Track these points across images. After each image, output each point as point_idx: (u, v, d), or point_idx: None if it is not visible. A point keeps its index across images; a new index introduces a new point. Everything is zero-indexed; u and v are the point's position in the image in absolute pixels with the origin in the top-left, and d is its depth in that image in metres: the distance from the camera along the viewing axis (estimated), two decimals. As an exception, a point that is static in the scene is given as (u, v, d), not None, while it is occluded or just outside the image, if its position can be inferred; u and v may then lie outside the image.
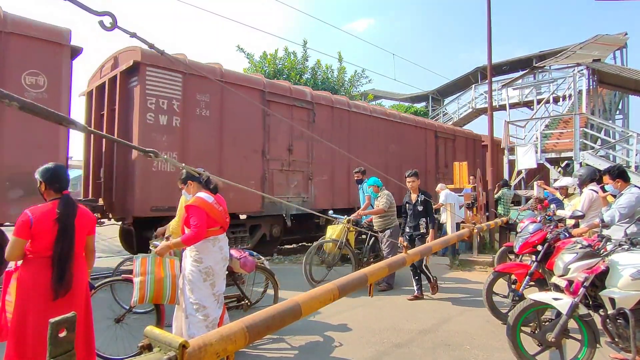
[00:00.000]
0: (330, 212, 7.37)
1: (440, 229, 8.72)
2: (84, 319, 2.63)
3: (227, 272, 3.66)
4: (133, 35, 1.62)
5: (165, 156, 1.52)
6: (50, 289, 2.44)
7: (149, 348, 1.29)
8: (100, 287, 3.61)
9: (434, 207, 9.31)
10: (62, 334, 1.11)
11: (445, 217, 8.94)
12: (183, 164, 1.67)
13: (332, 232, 6.51)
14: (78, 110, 11.92)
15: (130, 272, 3.45)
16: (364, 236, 6.75)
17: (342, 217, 6.79)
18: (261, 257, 4.49)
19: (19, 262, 2.52)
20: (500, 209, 9.72)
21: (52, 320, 1.09)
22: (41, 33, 5.61)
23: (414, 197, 5.86)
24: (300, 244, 10.63)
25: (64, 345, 1.12)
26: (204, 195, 3.33)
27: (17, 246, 2.44)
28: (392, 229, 6.16)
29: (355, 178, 7.59)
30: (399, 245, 5.63)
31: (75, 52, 6.10)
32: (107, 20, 1.39)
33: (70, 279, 2.50)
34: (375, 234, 6.25)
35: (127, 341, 3.50)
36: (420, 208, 5.76)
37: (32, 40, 5.53)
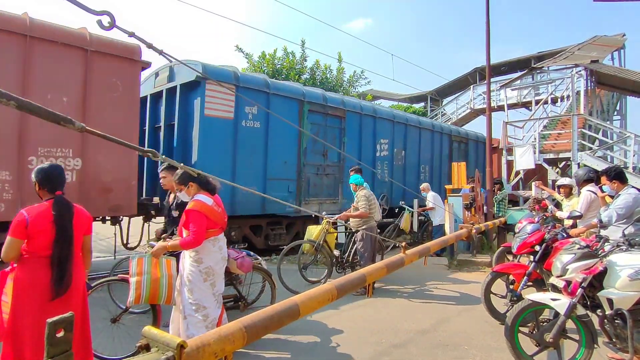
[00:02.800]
0: (324, 213, 7.29)
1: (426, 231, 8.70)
2: (80, 319, 2.62)
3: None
4: (131, 34, 1.62)
5: (162, 156, 1.51)
6: (47, 289, 2.44)
7: (146, 348, 1.29)
8: (97, 287, 3.60)
9: (423, 208, 9.35)
10: (60, 334, 1.11)
11: (438, 220, 8.88)
12: (181, 164, 1.67)
13: (311, 232, 6.25)
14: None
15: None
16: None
17: (331, 216, 6.54)
18: (258, 257, 4.49)
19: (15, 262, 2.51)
20: (497, 210, 9.73)
21: (49, 320, 1.09)
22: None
23: (171, 197, 4.43)
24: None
25: (61, 345, 1.11)
26: (203, 198, 3.31)
27: (13, 246, 2.43)
28: (367, 229, 5.90)
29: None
30: (400, 244, 5.58)
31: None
32: (105, 20, 1.38)
33: (69, 279, 2.50)
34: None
35: (124, 341, 3.49)
36: (175, 214, 4.25)
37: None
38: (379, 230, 5.67)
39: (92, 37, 5.87)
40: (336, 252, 6.41)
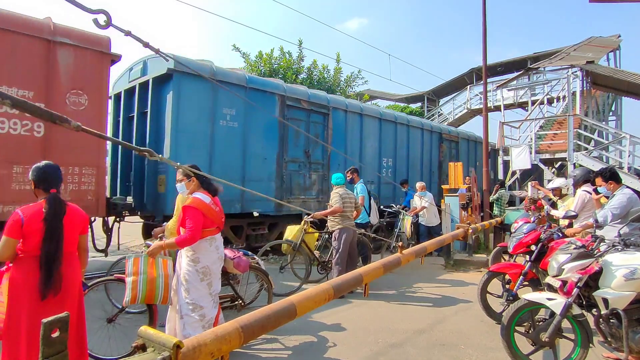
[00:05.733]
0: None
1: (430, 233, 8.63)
2: (76, 319, 2.61)
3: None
4: (128, 33, 1.61)
5: (159, 155, 1.51)
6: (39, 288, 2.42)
7: (142, 348, 1.28)
8: (93, 287, 3.58)
9: (417, 209, 9.17)
10: (55, 334, 1.11)
11: (429, 218, 8.74)
12: (178, 163, 1.66)
13: (290, 232, 6.11)
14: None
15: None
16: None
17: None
18: (255, 256, 4.48)
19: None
20: (496, 210, 9.75)
21: (44, 320, 1.08)
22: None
23: None
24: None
25: (56, 345, 1.11)
26: (201, 195, 3.30)
27: (8, 246, 2.42)
28: (342, 230, 5.66)
29: (348, 178, 6.96)
30: (396, 244, 5.53)
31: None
32: (101, 19, 1.38)
33: (58, 279, 2.47)
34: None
35: (119, 341, 3.47)
36: None
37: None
38: (367, 235, 5.36)
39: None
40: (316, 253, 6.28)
